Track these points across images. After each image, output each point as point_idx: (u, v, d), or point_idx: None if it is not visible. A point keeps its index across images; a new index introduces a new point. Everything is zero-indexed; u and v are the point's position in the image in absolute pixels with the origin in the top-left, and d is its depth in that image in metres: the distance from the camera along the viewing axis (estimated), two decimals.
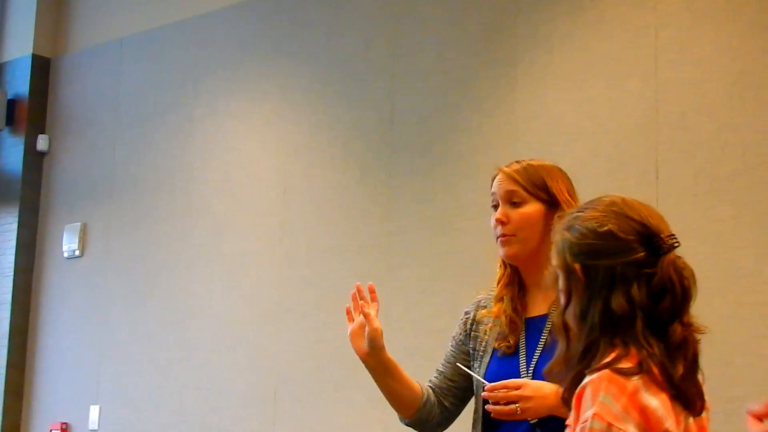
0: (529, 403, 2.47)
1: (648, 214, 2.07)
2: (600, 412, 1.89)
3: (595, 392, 1.92)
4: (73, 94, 6.98)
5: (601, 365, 1.96)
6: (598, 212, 2.07)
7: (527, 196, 2.70)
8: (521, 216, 2.69)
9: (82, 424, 6.47)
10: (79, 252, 6.71)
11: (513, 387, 2.50)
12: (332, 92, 5.60)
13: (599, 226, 2.05)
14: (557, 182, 2.70)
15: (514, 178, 2.72)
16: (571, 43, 4.73)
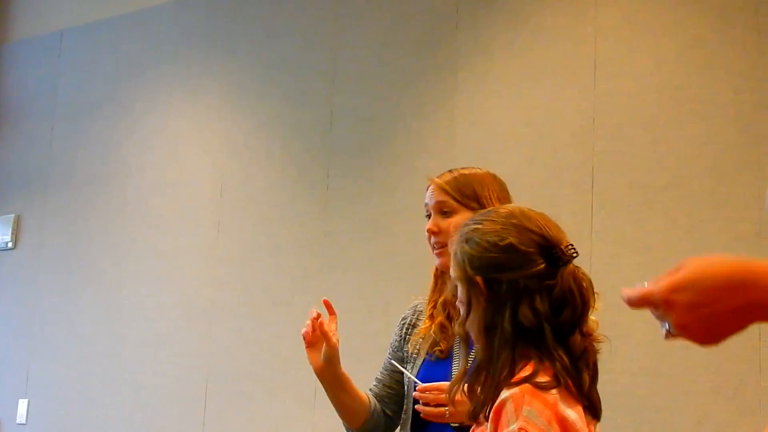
0: (459, 408, 2.42)
1: (545, 224, 2.09)
2: (525, 426, 1.89)
3: (518, 406, 1.92)
4: (11, 85, 6.91)
5: (520, 379, 1.96)
6: (497, 225, 2.08)
7: (457, 205, 2.72)
8: (452, 226, 2.67)
9: (10, 418, 6.40)
10: (12, 244, 6.64)
11: (442, 390, 2.50)
12: (272, 92, 5.59)
13: (500, 239, 2.06)
14: (487, 190, 2.72)
15: (445, 188, 2.74)
16: (511, 51, 4.76)
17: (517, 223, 2.08)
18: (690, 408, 3.98)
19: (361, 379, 4.93)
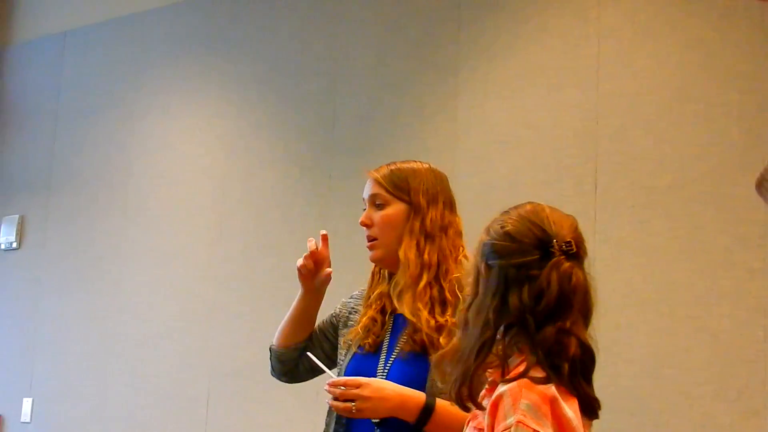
0: (367, 404, 2.48)
1: (555, 220, 2.12)
2: (523, 420, 1.92)
3: (516, 400, 1.95)
4: (14, 86, 6.91)
5: (518, 374, 1.99)
6: (508, 215, 2.14)
7: (389, 197, 2.72)
8: (382, 218, 2.72)
9: (14, 417, 6.42)
10: (16, 244, 6.65)
11: (352, 385, 2.51)
12: (273, 92, 5.59)
13: (501, 227, 2.11)
14: (419, 183, 2.72)
15: (379, 181, 2.75)
16: (513, 52, 4.76)
17: (524, 215, 2.12)
18: (692, 411, 3.96)
19: None
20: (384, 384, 2.51)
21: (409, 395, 2.49)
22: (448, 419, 2.46)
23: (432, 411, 2.47)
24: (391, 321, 2.70)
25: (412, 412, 2.48)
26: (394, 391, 2.48)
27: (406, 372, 2.55)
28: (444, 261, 2.66)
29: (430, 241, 2.67)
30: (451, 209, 2.77)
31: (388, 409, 2.48)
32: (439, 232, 2.69)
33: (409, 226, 2.68)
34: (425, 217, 2.69)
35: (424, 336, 2.54)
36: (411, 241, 2.66)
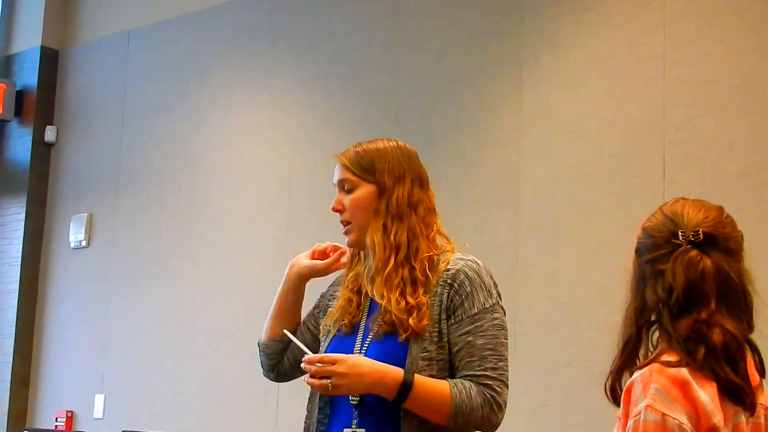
0: (343, 380, 2.43)
1: (690, 212, 2.10)
2: (653, 404, 1.94)
3: (646, 384, 1.97)
4: (81, 86, 6.99)
5: (649, 359, 2.02)
6: (654, 212, 2.15)
7: (357, 180, 2.65)
8: (351, 202, 2.64)
9: (87, 413, 6.49)
10: (86, 242, 6.73)
11: (328, 362, 2.45)
12: (337, 87, 5.59)
13: (644, 225, 2.14)
14: (384, 163, 2.64)
15: (345, 164, 2.66)
16: (576, 42, 4.72)
17: (664, 210, 2.13)
18: None
19: None
20: (360, 360, 2.47)
21: (386, 371, 2.44)
22: (427, 395, 2.44)
23: (411, 386, 2.43)
24: (367, 301, 2.64)
25: (390, 388, 2.44)
26: (371, 367, 2.44)
27: (381, 352, 2.50)
28: (414, 240, 2.59)
29: (398, 221, 2.60)
30: (422, 186, 2.67)
31: (366, 386, 2.45)
32: (408, 211, 2.61)
33: (375, 207, 2.62)
34: (391, 197, 2.61)
35: (394, 317, 2.49)
36: (378, 223, 2.60)
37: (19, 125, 7.04)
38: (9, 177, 7.02)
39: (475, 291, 2.53)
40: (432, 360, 2.49)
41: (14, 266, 6.86)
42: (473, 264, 2.57)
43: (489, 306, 2.53)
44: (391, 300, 2.50)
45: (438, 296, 2.53)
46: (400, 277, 2.54)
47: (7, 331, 6.81)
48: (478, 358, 2.49)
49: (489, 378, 2.48)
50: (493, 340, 2.51)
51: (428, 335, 2.50)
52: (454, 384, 2.46)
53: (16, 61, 7.14)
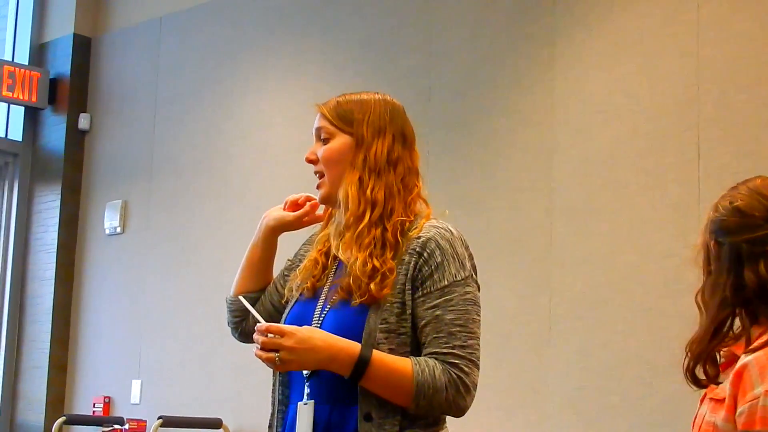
0: (292, 355, 2.23)
1: None
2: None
3: (763, 369, 1.92)
4: (114, 73, 7.01)
5: (762, 344, 1.96)
6: (736, 191, 2.10)
7: (333, 130, 2.48)
8: (325, 152, 2.47)
9: (124, 398, 6.53)
10: (120, 229, 6.76)
11: (276, 333, 2.24)
12: (368, 69, 5.58)
13: (730, 203, 2.08)
14: (366, 115, 2.47)
15: (323, 113, 2.51)
16: (610, 20, 4.68)
17: (753, 189, 2.08)
18: None
19: None
20: (312, 333, 2.25)
21: (341, 346, 2.23)
22: (386, 373, 2.24)
23: (367, 364, 2.23)
24: (335, 264, 2.45)
25: (344, 364, 2.23)
26: (325, 341, 2.24)
27: (338, 321, 2.31)
28: (390, 199, 2.39)
29: (375, 176, 2.41)
30: (404, 143, 2.48)
31: (317, 362, 2.24)
32: (387, 167, 2.42)
33: (351, 160, 2.43)
34: (369, 149, 2.43)
35: (351, 280, 2.30)
36: (353, 175, 2.42)
37: (53, 113, 7.08)
38: (44, 165, 7.06)
39: (446, 261, 2.32)
40: (391, 332, 2.28)
41: (50, 253, 6.91)
42: (446, 232, 2.36)
43: (461, 279, 2.32)
44: (358, 259, 2.31)
45: (405, 264, 2.31)
46: (372, 237, 2.34)
47: (44, 317, 6.86)
48: (445, 335, 2.27)
49: (456, 356, 2.27)
50: (464, 315, 2.30)
51: (389, 305, 2.29)
52: (416, 362, 2.26)
53: (49, 50, 7.17)
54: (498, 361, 4.78)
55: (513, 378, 4.76)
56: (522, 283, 4.74)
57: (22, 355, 6.94)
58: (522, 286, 4.74)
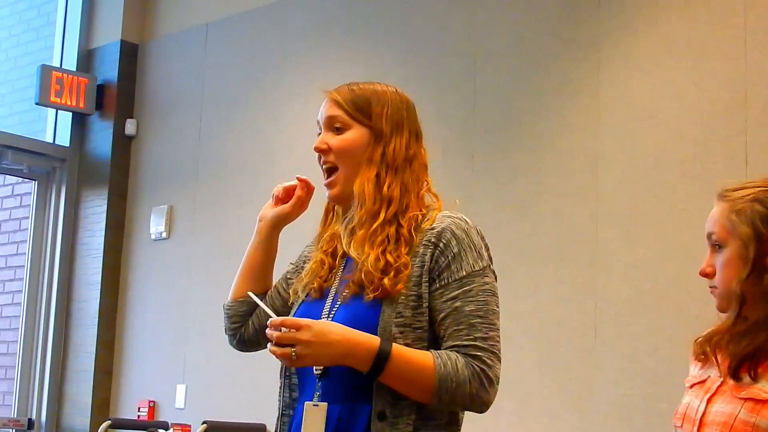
0: (307, 349, 2.13)
1: None
2: None
3: None
4: (160, 79, 7.06)
5: None
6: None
7: (350, 120, 2.40)
8: (341, 143, 2.40)
9: (168, 403, 6.56)
10: (166, 234, 6.79)
11: (292, 326, 2.16)
12: (413, 74, 5.58)
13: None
14: (382, 107, 2.39)
15: (338, 101, 2.42)
16: (656, 25, 4.65)
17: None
18: None
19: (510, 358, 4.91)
20: (330, 327, 2.17)
21: (360, 340, 2.14)
22: (407, 367, 2.15)
23: (387, 358, 2.14)
24: (342, 263, 2.38)
25: (363, 359, 2.14)
26: (342, 335, 2.14)
27: (349, 317, 2.22)
28: (405, 195, 2.32)
29: (392, 173, 2.33)
30: (417, 139, 2.42)
31: (335, 356, 2.15)
32: (403, 164, 2.35)
33: (368, 155, 2.35)
34: (388, 145, 2.35)
35: (363, 276, 2.22)
36: (369, 171, 2.34)
37: (100, 119, 7.14)
38: (91, 170, 7.12)
39: (463, 252, 2.24)
40: (407, 327, 2.20)
41: (96, 258, 6.96)
42: (461, 222, 2.29)
43: (479, 269, 2.25)
44: (370, 256, 2.24)
45: (420, 256, 2.24)
46: (386, 234, 2.27)
47: (90, 321, 6.91)
48: (466, 326, 2.20)
49: (478, 348, 2.19)
50: (484, 306, 2.23)
51: (404, 299, 2.20)
52: (438, 355, 2.17)
53: (96, 56, 7.23)
54: (544, 367, 4.76)
55: (559, 384, 4.74)
56: (568, 289, 4.72)
57: (69, 358, 6.99)
58: (568, 291, 4.71)
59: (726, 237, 2.17)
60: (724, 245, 2.17)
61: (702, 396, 2.16)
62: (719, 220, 2.19)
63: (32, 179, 7.23)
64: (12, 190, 8.23)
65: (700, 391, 2.19)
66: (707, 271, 2.22)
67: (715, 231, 2.20)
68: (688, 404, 2.20)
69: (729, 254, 2.16)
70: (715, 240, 2.20)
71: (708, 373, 2.20)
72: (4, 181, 8.25)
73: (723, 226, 2.17)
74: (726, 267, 2.16)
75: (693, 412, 2.15)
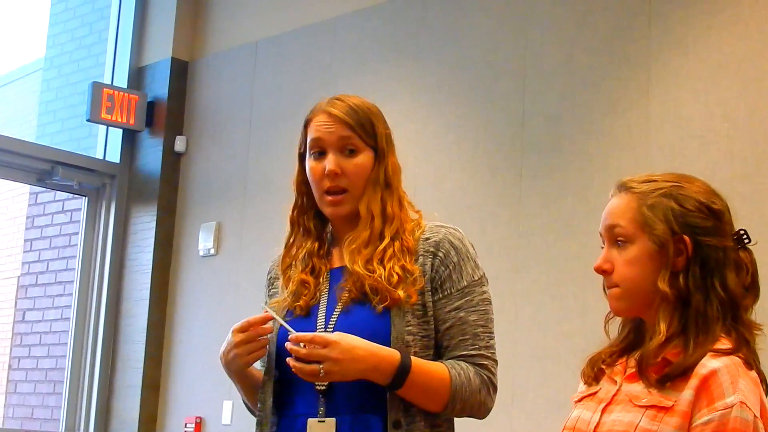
0: (336, 366, 2.14)
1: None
2: (746, 401, 1.84)
3: (735, 378, 1.86)
4: (209, 97, 7.10)
5: (729, 350, 1.91)
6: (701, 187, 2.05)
7: (360, 144, 2.39)
8: (354, 168, 2.37)
9: (215, 419, 6.58)
10: (214, 250, 6.82)
11: (320, 343, 2.15)
12: (461, 94, 5.58)
13: (711, 203, 2.03)
14: (381, 126, 2.44)
15: (348, 122, 2.40)
16: (706, 44, 4.63)
17: (717, 193, 2.06)
18: None
19: (556, 380, 4.90)
20: (355, 342, 2.16)
21: (384, 355, 2.16)
22: (425, 379, 2.20)
23: (408, 371, 2.17)
24: (327, 280, 2.39)
25: (386, 373, 2.17)
26: (368, 350, 2.15)
27: (355, 325, 2.23)
28: (402, 209, 2.39)
29: (389, 190, 2.38)
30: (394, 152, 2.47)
31: (360, 372, 2.16)
32: (396, 179, 2.41)
33: (374, 176, 2.37)
34: (387, 165, 2.40)
35: (367, 287, 2.25)
36: (375, 193, 2.36)
37: (150, 135, 7.19)
38: (141, 186, 7.18)
39: (462, 261, 2.31)
40: (415, 336, 2.24)
41: (145, 274, 7.00)
42: (456, 232, 2.37)
43: (477, 278, 2.32)
44: (382, 272, 2.25)
45: (421, 266, 2.29)
46: (393, 250, 2.30)
47: (138, 337, 6.95)
48: (470, 336, 2.26)
49: (484, 357, 2.27)
50: (484, 315, 2.30)
51: (410, 308, 2.25)
52: (451, 366, 2.23)
53: (147, 73, 7.30)
54: None
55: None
56: None
57: (117, 373, 7.03)
58: None
59: (634, 232, 2.02)
60: (631, 241, 2.03)
61: (595, 407, 2.04)
62: (626, 213, 2.05)
63: (82, 195, 7.29)
64: (62, 206, 8.33)
65: (591, 402, 2.07)
66: (605, 267, 2.07)
67: (620, 224, 2.05)
68: (578, 417, 2.07)
69: (637, 251, 2.01)
70: (619, 234, 2.05)
71: (598, 387, 2.09)
72: (54, 197, 8.34)
73: (632, 220, 2.03)
74: (633, 265, 2.02)
75: (585, 424, 2.02)
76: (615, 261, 2.05)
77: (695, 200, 2.02)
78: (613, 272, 2.06)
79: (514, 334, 4.98)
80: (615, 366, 2.08)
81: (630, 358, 2.06)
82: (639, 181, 2.10)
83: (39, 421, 8.29)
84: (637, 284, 2.02)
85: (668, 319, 1.96)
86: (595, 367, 2.11)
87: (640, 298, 2.03)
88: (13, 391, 8.78)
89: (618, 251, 2.05)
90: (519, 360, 4.94)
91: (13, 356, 8.94)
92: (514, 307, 5.02)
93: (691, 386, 1.88)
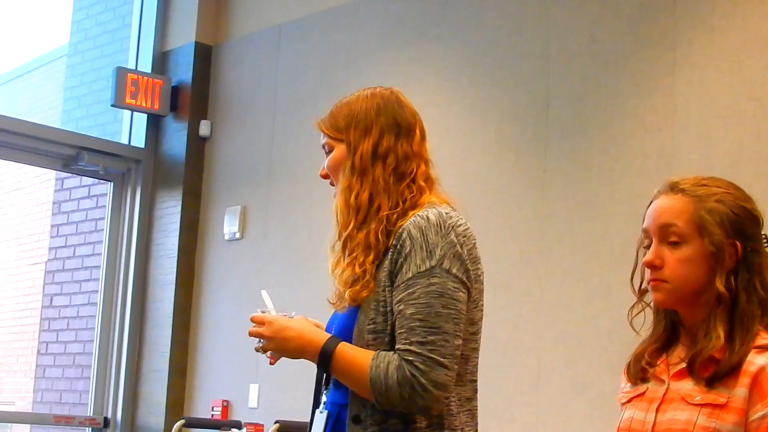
0: (270, 344, 2.41)
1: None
2: None
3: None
4: (233, 81, 7.11)
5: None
6: (746, 196, 2.20)
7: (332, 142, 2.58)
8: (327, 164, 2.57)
9: (242, 402, 6.60)
10: (239, 234, 6.83)
11: (257, 322, 2.45)
12: (485, 76, 5.56)
13: (754, 210, 2.19)
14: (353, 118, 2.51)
15: (321, 128, 2.59)
16: (732, 23, 4.59)
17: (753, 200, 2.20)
18: None
19: (582, 360, 4.88)
20: (288, 323, 2.39)
21: (309, 338, 2.35)
22: (346, 365, 2.28)
23: (330, 356, 2.29)
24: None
25: (313, 357, 2.35)
26: (298, 332, 2.37)
27: (338, 326, 2.40)
28: (376, 196, 2.35)
29: (360, 179, 2.39)
30: (398, 132, 2.46)
31: (291, 351, 2.39)
32: (373, 163, 2.39)
33: (343, 168, 2.45)
34: (356, 153, 2.42)
35: (335, 289, 2.42)
36: (343, 184, 2.42)
37: (174, 120, 7.21)
38: (166, 171, 7.20)
39: (413, 251, 2.24)
40: (379, 333, 2.27)
41: (171, 258, 7.03)
42: (421, 219, 2.29)
43: (425, 269, 2.22)
44: (344, 271, 2.35)
45: (388, 260, 2.29)
46: (356, 243, 2.33)
47: (164, 321, 6.98)
48: (405, 330, 2.20)
49: (412, 353, 2.18)
50: (425, 309, 2.19)
51: (375, 305, 2.28)
52: (376, 356, 2.23)
53: (171, 58, 7.31)
54: (616, 369, 4.70)
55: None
56: None
57: (144, 358, 7.07)
58: None
59: (691, 233, 2.12)
60: (686, 241, 2.12)
61: (647, 407, 2.12)
62: (683, 214, 2.13)
63: (108, 180, 7.32)
64: (88, 191, 8.37)
65: (642, 403, 2.15)
66: (656, 263, 2.15)
67: (677, 224, 2.13)
68: (631, 418, 2.15)
69: (692, 251, 2.11)
70: (674, 233, 2.14)
71: (645, 386, 2.17)
72: (80, 183, 8.38)
73: (690, 222, 2.12)
74: (686, 264, 2.12)
75: (639, 424, 2.11)
76: (666, 258, 2.14)
77: (744, 208, 2.15)
78: (663, 267, 2.14)
79: (539, 317, 4.97)
80: (657, 365, 2.17)
81: (670, 355, 2.17)
82: (692, 183, 2.18)
83: (67, 405, 8.36)
84: (689, 282, 2.12)
85: (724, 322, 2.07)
86: (639, 367, 2.21)
87: (687, 295, 2.13)
88: (41, 375, 8.85)
89: (669, 249, 2.14)
90: (544, 342, 4.93)
91: (42, 341, 9.01)
92: (540, 290, 5.00)
93: (743, 384, 1.99)
